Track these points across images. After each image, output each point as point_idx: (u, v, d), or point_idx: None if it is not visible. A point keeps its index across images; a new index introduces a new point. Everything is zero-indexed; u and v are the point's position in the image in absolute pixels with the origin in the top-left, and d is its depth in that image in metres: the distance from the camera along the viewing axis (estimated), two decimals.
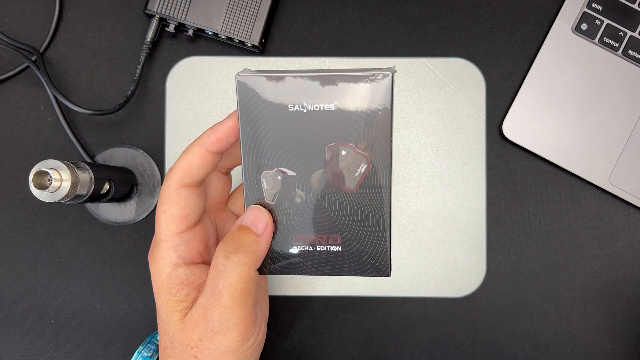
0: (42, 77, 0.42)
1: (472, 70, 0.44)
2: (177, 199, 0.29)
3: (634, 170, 0.43)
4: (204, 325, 0.28)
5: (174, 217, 0.29)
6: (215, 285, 0.28)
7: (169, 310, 0.29)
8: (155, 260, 0.30)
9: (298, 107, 0.27)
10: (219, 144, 0.29)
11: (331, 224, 0.29)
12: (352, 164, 0.28)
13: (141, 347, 0.37)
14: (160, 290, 0.30)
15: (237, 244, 0.28)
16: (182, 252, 0.29)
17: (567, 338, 0.44)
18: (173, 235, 0.29)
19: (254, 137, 0.28)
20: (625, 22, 0.43)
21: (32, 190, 0.33)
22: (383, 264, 0.29)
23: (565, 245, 0.44)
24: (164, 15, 0.43)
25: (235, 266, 0.27)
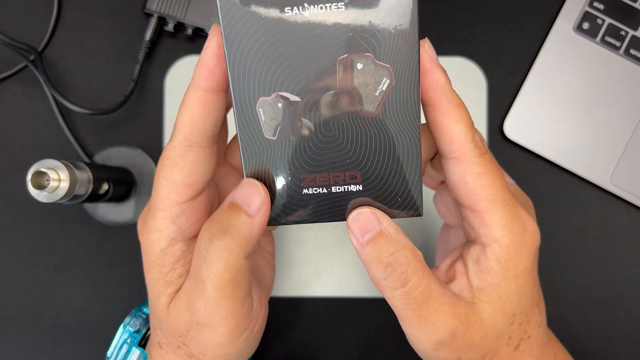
0: (41, 76, 0.42)
1: (473, 69, 0.44)
2: (182, 163, 0.24)
3: (635, 170, 0.43)
4: (189, 315, 0.24)
5: (177, 184, 0.24)
6: (198, 272, 0.23)
7: (157, 291, 0.26)
8: (149, 231, 0.25)
9: (297, 9, 0.22)
10: (213, 77, 0.23)
11: (348, 159, 0.24)
12: (371, 79, 0.22)
13: (128, 318, 0.34)
14: (151, 267, 0.26)
15: (225, 225, 0.23)
16: (181, 224, 0.25)
17: (569, 338, 0.44)
18: (173, 205, 0.24)
19: (242, 55, 0.22)
20: (627, 21, 0.43)
21: (30, 191, 0.33)
22: (414, 202, 0.24)
23: (567, 245, 0.44)
24: (163, 14, 0.42)
25: (220, 252, 0.23)
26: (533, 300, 0.26)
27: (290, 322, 0.44)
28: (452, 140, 0.23)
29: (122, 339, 0.32)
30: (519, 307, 0.25)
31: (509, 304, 0.25)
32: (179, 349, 0.26)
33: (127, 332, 0.32)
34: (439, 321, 0.24)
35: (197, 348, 0.25)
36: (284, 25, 0.22)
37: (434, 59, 0.23)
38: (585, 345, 0.44)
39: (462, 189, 0.24)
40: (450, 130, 0.23)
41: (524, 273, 0.24)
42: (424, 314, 0.24)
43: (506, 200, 0.24)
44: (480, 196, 0.24)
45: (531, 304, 0.26)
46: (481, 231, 0.24)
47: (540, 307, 0.27)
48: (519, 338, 0.26)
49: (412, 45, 0.22)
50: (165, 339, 0.27)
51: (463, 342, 0.24)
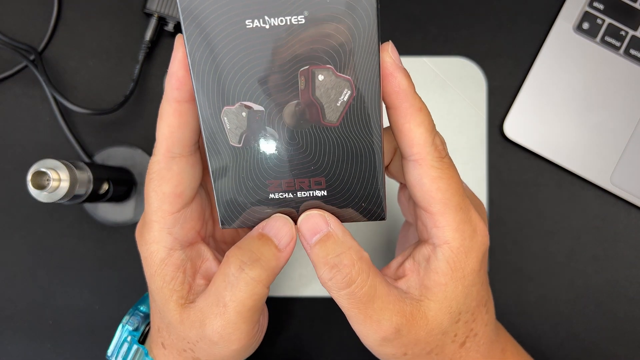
0: (41, 76, 0.42)
1: (473, 69, 0.44)
2: (168, 175, 0.25)
3: (635, 170, 0.43)
4: (201, 330, 0.25)
5: (166, 195, 0.25)
6: (221, 295, 0.24)
7: (164, 298, 0.26)
8: (147, 242, 0.26)
9: (258, 22, 0.22)
10: (183, 87, 0.23)
11: (312, 166, 0.24)
12: (332, 91, 0.23)
13: (126, 316, 0.34)
14: (153, 277, 0.26)
15: (256, 255, 0.24)
16: (177, 234, 0.26)
17: (569, 339, 0.44)
18: (166, 215, 0.25)
19: (206, 66, 0.22)
20: (626, 21, 0.43)
21: (30, 191, 0.33)
22: (377, 207, 0.25)
23: (567, 245, 0.44)
24: (163, 14, 0.42)
25: (249, 281, 0.24)
26: (480, 300, 0.27)
27: (290, 322, 0.44)
28: (412, 143, 0.24)
29: (122, 338, 0.33)
30: (465, 307, 0.26)
31: (455, 303, 0.25)
32: (185, 352, 0.27)
33: (126, 331, 0.33)
34: (383, 319, 0.24)
35: (205, 356, 0.26)
36: (246, 37, 0.22)
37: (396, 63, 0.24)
38: (585, 344, 0.44)
39: (418, 191, 0.25)
40: (410, 133, 0.24)
41: (471, 274, 0.25)
42: (369, 313, 0.24)
43: (460, 204, 0.25)
44: (435, 199, 0.24)
45: (478, 304, 0.27)
46: (433, 232, 0.25)
47: (488, 306, 0.28)
48: (465, 335, 0.27)
49: (372, 57, 0.23)
50: (171, 341, 0.27)
51: (408, 338, 0.25)
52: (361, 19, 0.22)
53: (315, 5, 0.21)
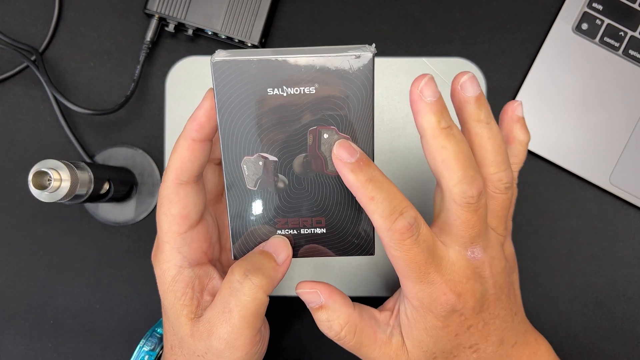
0: (42, 76, 0.42)
1: (472, 70, 0.44)
2: (176, 199, 0.28)
3: (634, 170, 0.43)
4: (209, 340, 0.28)
5: (174, 217, 0.28)
6: (226, 302, 0.28)
7: (176, 313, 0.29)
8: (160, 262, 0.29)
9: (277, 91, 0.27)
10: (202, 130, 0.28)
11: (315, 207, 0.29)
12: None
13: (143, 340, 0.36)
14: (166, 294, 0.29)
15: (257, 265, 0.28)
16: (186, 253, 0.29)
17: (568, 338, 0.44)
18: (175, 236, 0.29)
19: (232, 123, 0.27)
20: (625, 21, 0.43)
21: (32, 190, 0.33)
22: (367, 244, 0.30)
23: (566, 245, 0.44)
24: (164, 14, 0.43)
25: (251, 286, 0.27)
26: (459, 344, 0.29)
27: (290, 321, 0.44)
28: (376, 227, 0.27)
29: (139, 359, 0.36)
30: (438, 349, 0.29)
31: (425, 345, 0.29)
32: None
33: (143, 352, 0.36)
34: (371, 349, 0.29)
35: None
36: (267, 102, 0.27)
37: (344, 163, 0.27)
38: (584, 344, 0.44)
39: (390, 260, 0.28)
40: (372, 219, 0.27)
41: (432, 329, 0.28)
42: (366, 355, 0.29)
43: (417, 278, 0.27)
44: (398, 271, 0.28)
45: (456, 347, 0.29)
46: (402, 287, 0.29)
47: (476, 347, 0.30)
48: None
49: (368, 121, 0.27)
50: (184, 357, 0.30)
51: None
52: (359, 91, 0.27)
53: (323, 80, 0.26)
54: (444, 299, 0.27)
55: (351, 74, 0.26)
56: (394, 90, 0.44)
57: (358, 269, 0.44)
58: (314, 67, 0.26)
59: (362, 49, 0.26)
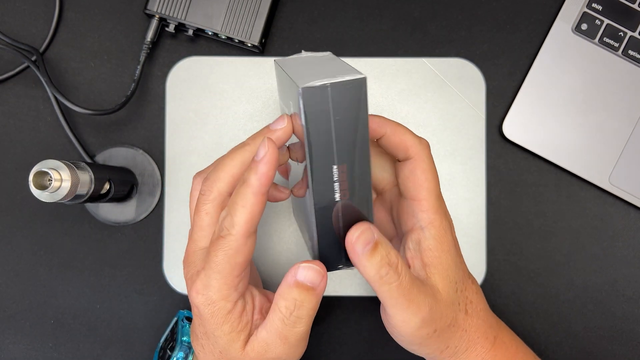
0: (42, 77, 0.42)
1: (472, 70, 0.44)
2: (244, 249, 0.29)
3: (634, 170, 0.43)
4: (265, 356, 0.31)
5: (239, 264, 0.30)
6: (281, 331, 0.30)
7: (231, 340, 0.31)
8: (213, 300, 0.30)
9: None
10: (268, 184, 0.28)
11: None
12: None
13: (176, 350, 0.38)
14: (222, 325, 0.30)
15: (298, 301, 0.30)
16: (241, 289, 0.31)
17: (568, 338, 0.44)
18: (234, 278, 0.30)
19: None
20: (625, 22, 0.43)
21: (32, 191, 0.33)
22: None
23: (566, 245, 0.44)
24: (164, 15, 0.43)
25: (301, 321, 0.30)
26: (465, 271, 0.33)
27: None
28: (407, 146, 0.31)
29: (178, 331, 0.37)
30: (457, 276, 0.32)
31: (451, 272, 0.32)
32: None
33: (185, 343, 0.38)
34: (421, 301, 0.30)
35: None
36: None
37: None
38: (584, 344, 0.44)
39: (411, 182, 0.32)
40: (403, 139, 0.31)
41: (453, 247, 0.32)
42: (411, 297, 0.30)
43: (438, 193, 0.32)
44: (423, 186, 0.31)
45: (464, 274, 0.33)
46: (420, 216, 0.31)
47: (472, 278, 0.34)
48: (465, 304, 0.33)
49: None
50: None
51: (436, 314, 0.31)
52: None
53: None
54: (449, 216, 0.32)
55: None
56: (393, 90, 0.44)
57: None
58: None
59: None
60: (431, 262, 0.31)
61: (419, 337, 0.32)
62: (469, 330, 0.33)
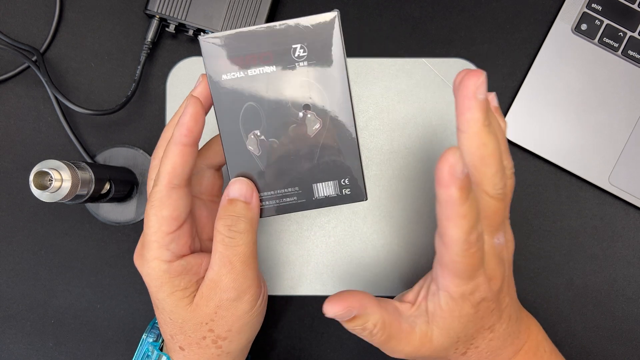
0: (43, 77, 0.42)
1: None
2: (168, 201, 0.30)
3: (633, 171, 0.43)
4: (219, 296, 0.31)
5: (165, 218, 0.30)
6: (225, 256, 0.30)
7: (176, 299, 0.31)
8: (147, 261, 0.31)
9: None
10: (191, 135, 0.30)
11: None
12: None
13: (145, 334, 0.38)
14: (162, 287, 0.31)
15: (234, 216, 0.30)
16: (174, 249, 0.31)
17: (567, 338, 0.44)
18: (164, 235, 0.30)
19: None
20: (625, 22, 0.43)
21: (33, 191, 0.33)
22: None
23: (565, 245, 0.44)
24: (164, 15, 0.43)
25: (240, 235, 0.30)
26: (482, 326, 0.31)
27: (290, 320, 0.44)
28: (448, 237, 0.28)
29: (143, 352, 0.37)
30: (463, 334, 0.31)
31: (453, 332, 0.31)
32: (204, 339, 0.32)
33: (146, 343, 0.37)
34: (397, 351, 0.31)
35: (224, 326, 0.31)
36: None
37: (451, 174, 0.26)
38: (583, 343, 0.44)
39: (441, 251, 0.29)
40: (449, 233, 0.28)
41: (466, 316, 0.30)
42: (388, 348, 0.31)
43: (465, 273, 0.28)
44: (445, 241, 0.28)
45: (478, 330, 0.31)
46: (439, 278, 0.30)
47: (493, 327, 0.32)
48: (466, 348, 0.32)
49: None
50: (188, 339, 0.32)
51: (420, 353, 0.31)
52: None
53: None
54: (482, 288, 0.29)
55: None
56: (393, 90, 0.44)
57: (360, 268, 0.44)
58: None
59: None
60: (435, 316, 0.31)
61: None
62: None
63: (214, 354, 0.33)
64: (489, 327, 0.32)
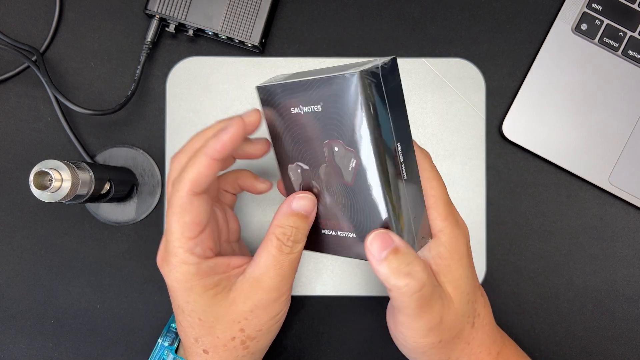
0: (43, 77, 0.42)
1: (472, 70, 0.44)
2: (190, 208, 0.30)
3: (633, 170, 0.43)
4: (259, 295, 0.31)
5: (187, 224, 0.31)
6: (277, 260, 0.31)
7: (209, 298, 0.31)
8: (174, 266, 0.31)
9: (297, 110, 0.30)
10: (224, 152, 0.30)
11: (344, 213, 0.31)
12: (344, 159, 0.29)
13: (160, 339, 0.38)
14: (192, 289, 0.31)
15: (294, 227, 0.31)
16: (198, 252, 0.31)
17: (567, 338, 0.44)
18: (188, 241, 0.31)
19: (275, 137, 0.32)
20: (625, 22, 0.43)
21: (33, 191, 0.33)
22: None
23: (565, 245, 0.44)
24: (164, 15, 0.43)
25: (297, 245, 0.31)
26: (475, 282, 0.33)
27: (290, 321, 0.44)
28: None
29: (158, 356, 0.37)
30: (469, 286, 0.32)
31: (462, 283, 0.31)
32: (233, 340, 0.32)
33: (161, 347, 0.37)
34: (435, 312, 0.30)
35: (256, 325, 0.32)
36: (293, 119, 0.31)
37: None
38: (583, 343, 0.44)
39: None
40: None
41: (465, 257, 0.31)
42: (428, 307, 0.29)
43: (447, 200, 0.31)
44: (428, 195, 0.31)
45: (474, 285, 0.32)
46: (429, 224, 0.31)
47: (481, 290, 0.34)
48: (473, 316, 0.33)
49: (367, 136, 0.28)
50: (215, 341, 0.32)
51: (445, 325, 0.31)
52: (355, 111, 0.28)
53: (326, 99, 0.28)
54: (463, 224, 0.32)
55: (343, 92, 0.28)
56: None
57: (358, 268, 0.44)
58: (317, 88, 0.29)
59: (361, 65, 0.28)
60: (441, 270, 0.31)
61: (422, 346, 0.31)
62: (472, 343, 0.33)
63: (239, 356, 0.33)
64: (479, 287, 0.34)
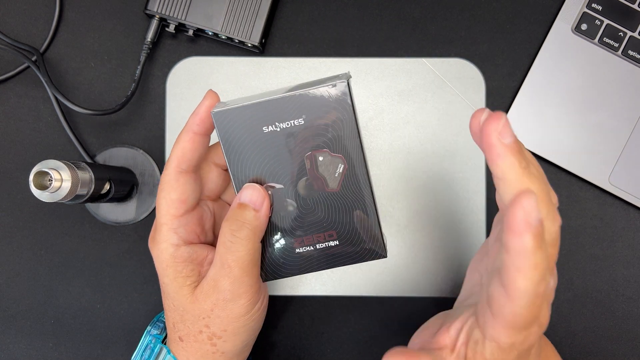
0: (43, 77, 0.42)
1: (472, 70, 0.44)
2: (176, 185, 0.31)
3: (633, 171, 0.43)
4: (216, 295, 0.31)
5: (173, 201, 0.31)
6: (225, 259, 0.30)
7: (178, 286, 0.32)
8: (158, 243, 0.32)
9: (272, 127, 0.30)
10: (203, 125, 0.31)
11: (324, 223, 0.31)
12: (330, 166, 0.30)
13: (149, 326, 0.39)
14: (166, 270, 0.32)
15: (240, 221, 0.30)
16: (182, 233, 0.32)
17: (567, 338, 0.44)
18: (173, 218, 0.31)
19: (239, 162, 0.31)
20: (625, 22, 0.43)
21: (33, 191, 0.33)
22: (378, 248, 0.32)
23: (565, 245, 0.44)
24: (164, 15, 0.43)
25: (241, 242, 0.30)
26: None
27: (290, 320, 0.44)
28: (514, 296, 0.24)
29: (145, 343, 0.37)
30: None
31: None
32: (201, 333, 0.32)
33: (149, 335, 0.37)
34: None
35: (219, 325, 0.32)
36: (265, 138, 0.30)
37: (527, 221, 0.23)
38: (583, 343, 0.44)
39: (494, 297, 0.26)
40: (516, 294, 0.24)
41: None
42: None
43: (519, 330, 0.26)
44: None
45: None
46: (488, 328, 0.26)
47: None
48: None
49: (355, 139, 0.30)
50: (187, 330, 0.33)
51: None
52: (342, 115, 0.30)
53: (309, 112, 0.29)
54: (533, 336, 0.26)
55: (331, 101, 0.29)
56: (393, 90, 0.44)
57: (358, 268, 0.44)
58: (299, 102, 0.29)
59: (337, 78, 0.29)
60: None
61: None
62: None
63: (209, 351, 0.33)
64: None
